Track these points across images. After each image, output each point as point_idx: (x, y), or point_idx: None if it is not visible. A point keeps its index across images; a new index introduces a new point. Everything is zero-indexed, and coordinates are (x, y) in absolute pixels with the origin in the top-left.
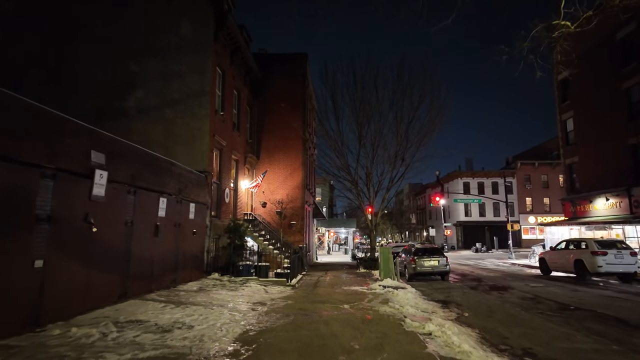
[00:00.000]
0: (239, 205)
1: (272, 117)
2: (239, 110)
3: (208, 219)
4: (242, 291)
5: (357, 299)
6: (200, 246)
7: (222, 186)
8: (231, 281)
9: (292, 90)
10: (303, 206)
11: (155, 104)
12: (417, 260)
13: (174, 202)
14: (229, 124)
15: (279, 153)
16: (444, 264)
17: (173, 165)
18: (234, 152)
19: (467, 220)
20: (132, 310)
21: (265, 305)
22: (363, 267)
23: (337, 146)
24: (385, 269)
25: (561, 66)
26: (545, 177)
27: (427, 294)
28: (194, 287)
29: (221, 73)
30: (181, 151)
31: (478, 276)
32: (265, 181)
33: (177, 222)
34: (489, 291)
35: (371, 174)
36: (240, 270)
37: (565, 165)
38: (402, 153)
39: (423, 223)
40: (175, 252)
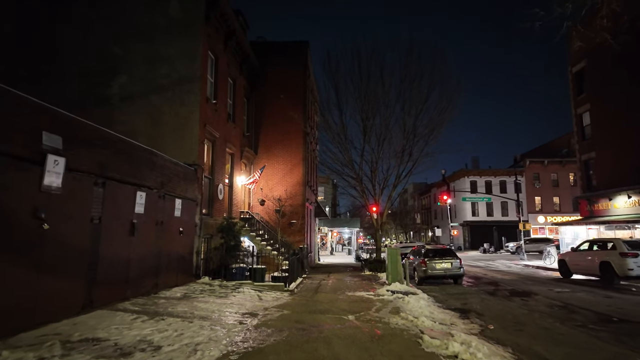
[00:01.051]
0: (234, 203)
1: (271, 109)
2: (235, 101)
3: (198, 216)
4: (233, 298)
5: (363, 308)
6: (188, 247)
7: (215, 181)
8: (222, 286)
9: (292, 81)
10: (304, 204)
11: (140, 91)
12: (428, 263)
13: (156, 197)
14: (223, 114)
15: (279, 147)
16: (458, 266)
17: (154, 155)
18: (229, 145)
19: (474, 220)
20: (94, 324)
21: (256, 317)
22: (368, 270)
23: (340, 140)
24: (393, 272)
25: (579, 42)
26: (554, 176)
27: (441, 301)
28: (178, 294)
29: (214, 58)
30: (169, 142)
31: (493, 279)
32: (264, 177)
33: (160, 219)
34: (509, 297)
35: (376, 170)
36: (233, 274)
37: (580, 161)
38: (410, 148)
39: (428, 223)
40: (157, 253)
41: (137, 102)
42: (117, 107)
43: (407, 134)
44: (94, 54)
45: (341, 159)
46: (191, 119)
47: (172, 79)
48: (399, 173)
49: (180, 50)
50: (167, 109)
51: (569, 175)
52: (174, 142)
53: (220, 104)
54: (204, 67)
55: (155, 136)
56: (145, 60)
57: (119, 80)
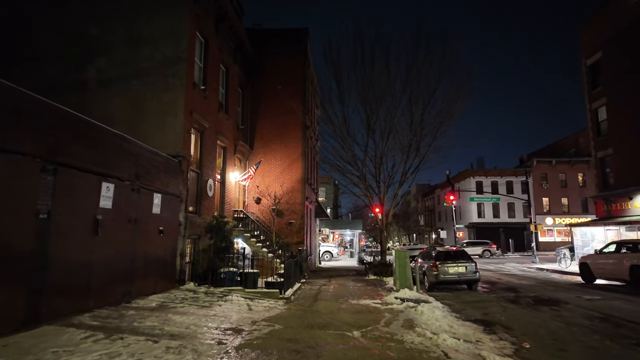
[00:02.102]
0: (227, 201)
1: (268, 101)
2: (228, 90)
3: (182, 214)
4: (217, 308)
5: (371, 320)
6: (170, 249)
7: (204, 176)
8: (208, 293)
9: (291, 71)
10: (303, 202)
11: (120, 75)
12: (440, 267)
13: (128, 189)
14: (213, 102)
15: (276, 142)
16: (473, 270)
17: (126, 141)
18: (221, 137)
19: (480, 221)
20: (29, 346)
21: (241, 334)
22: (372, 274)
23: (342, 135)
24: (401, 277)
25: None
26: (563, 176)
27: (457, 310)
28: (154, 303)
29: (203, 41)
30: (151, 131)
31: (509, 284)
32: (260, 174)
33: (134, 216)
34: (535, 306)
35: (381, 165)
36: (222, 279)
37: (596, 158)
38: (417, 142)
39: (432, 225)
40: (130, 256)
41: (116, 87)
42: (94, 92)
43: (415, 127)
44: (68, 34)
45: (343, 155)
46: (175, 105)
47: (155, 62)
48: (405, 170)
49: (164, 30)
50: (150, 94)
51: (577, 176)
52: (157, 132)
53: (210, 92)
54: (190, 49)
55: (136, 124)
56: (126, 42)
57: (96, 64)
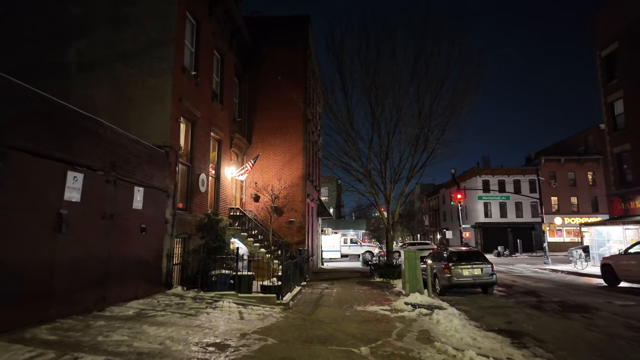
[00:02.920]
0: (222, 198)
1: (267, 92)
2: (223, 80)
3: (170, 211)
4: (203, 317)
5: (381, 332)
6: (155, 249)
7: (195, 170)
8: (197, 299)
9: (291, 61)
10: (304, 200)
11: (102, 58)
12: (454, 268)
13: (101, 181)
14: (207, 91)
15: (276, 136)
16: (489, 272)
17: (99, 125)
18: (215, 129)
19: (487, 221)
20: None
21: (225, 353)
22: (378, 276)
23: (345, 129)
24: (411, 280)
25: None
26: (572, 175)
27: (476, 318)
28: (131, 311)
29: (194, 23)
30: (136, 119)
31: (527, 287)
32: (258, 169)
33: (109, 212)
34: (563, 313)
35: (387, 161)
36: (213, 282)
37: (612, 154)
38: (426, 135)
39: (436, 225)
40: (104, 257)
41: (98, 71)
42: (74, 77)
43: (423, 119)
44: (46, 13)
45: (347, 150)
46: (163, 90)
47: (141, 44)
48: (413, 165)
49: (151, 9)
50: (134, 79)
51: (587, 174)
52: (143, 120)
53: (203, 79)
54: (180, 29)
55: (121, 112)
56: (109, 21)
57: (77, 46)
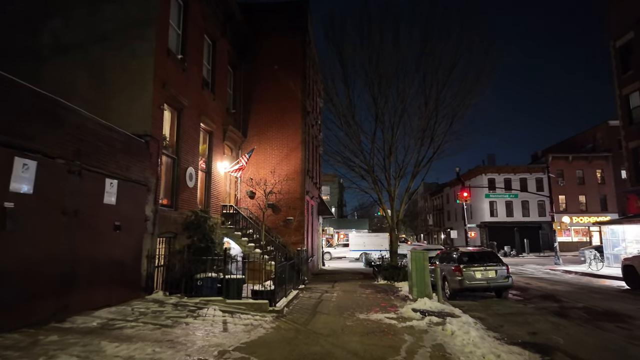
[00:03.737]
0: (214, 194)
1: (264, 84)
2: (215, 68)
3: (150, 207)
4: (181, 329)
5: (387, 348)
6: (132, 249)
7: (182, 163)
8: (179, 305)
9: (289, 49)
10: (303, 197)
11: (78, 39)
12: (465, 271)
13: (62, 171)
14: (196, 78)
15: (273, 129)
16: (504, 274)
17: (60, 107)
18: (205, 119)
19: (493, 220)
20: None
21: None
22: (382, 278)
23: (347, 122)
24: (419, 284)
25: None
26: (580, 173)
27: (494, 327)
28: (96, 321)
29: (181, 3)
30: (115, 106)
31: (543, 290)
32: (254, 164)
33: (72, 207)
34: (593, 321)
35: (392, 154)
36: (199, 287)
37: (628, 149)
38: (432, 127)
39: (440, 225)
40: (67, 258)
41: (74, 53)
42: (48, 61)
43: (430, 110)
44: None
45: (349, 145)
46: (143, 74)
47: (121, 23)
48: (418, 160)
49: None
50: (113, 62)
51: (595, 172)
52: (122, 107)
53: (191, 65)
54: (163, 8)
55: (98, 98)
56: (86, 0)
57: (51, 26)
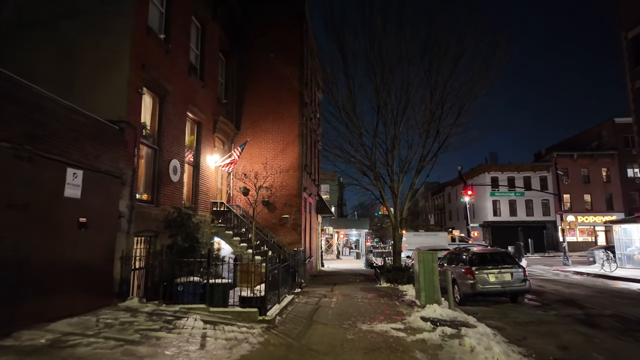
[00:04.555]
0: (203, 190)
1: (259, 73)
2: (205, 53)
3: (126, 202)
4: (149, 346)
5: None
6: (102, 250)
7: (165, 155)
8: (154, 314)
9: (286, 37)
10: (300, 194)
11: (46, 13)
12: (478, 273)
13: (6, 156)
14: (181, 62)
15: (268, 121)
16: (521, 277)
17: (6, 80)
18: (193, 108)
19: (496, 220)
20: None
21: None
22: (385, 280)
23: (348, 115)
24: (428, 288)
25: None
26: (585, 171)
27: (517, 340)
28: (44, 337)
29: None
30: (87, 89)
31: (560, 294)
32: (248, 159)
33: (21, 199)
34: (631, 332)
35: (394, 149)
36: (179, 293)
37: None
38: (439, 118)
39: (442, 224)
40: (12, 261)
41: (41, 29)
42: (11, 38)
43: (436, 99)
44: None
45: (349, 138)
46: (119, 52)
47: None
48: (423, 155)
49: None
50: (85, 39)
51: (601, 171)
52: (95, 89)
53: (176, 47)
54: None
55: (67, 80)
56: None
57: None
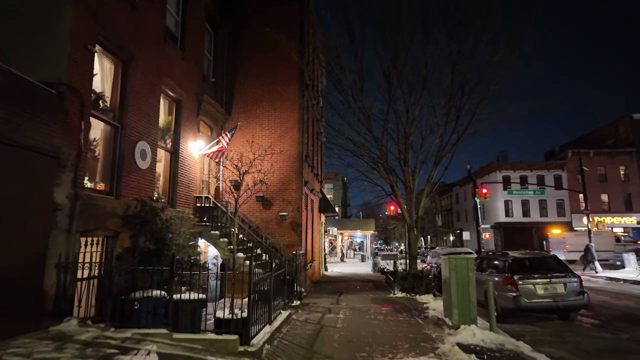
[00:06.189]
0: (184, 182)
1: (253, 51)
2: (187, 21)
3: (65, 191)
4: None
5: None
6: (26, 253)
7: (130, 135)
8: (90, 346)
9: (284, 9)
10: (300, 188)
11: None
12: (522, 284)
13: None
14: (154, 24)
15: (263, 104)
16: (576, 289)
17: None
18: (169, 81)
19: (508, 221)
20: None
21: None
22: (400, 289)
23: (355, 97)
24: (461, 303)
25: None
26: (602, 170)
27: None
28: None
29: None
30: (19, 43)
31: (615, 308)
32: (240, 147)
33: None
34: None
35: (409, 137)
36: (136, 312)
37: None
38: (459, 104)
39: (449, 226)
40: None
41: None
42: None
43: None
44: None
45: (356, 126)
46: None
47: None
48: (442, 144)
49: None
50: None
51: (619, 169)
52: (28, 44)
53: (147, 3)
54: None
55: None
56: None
57: None
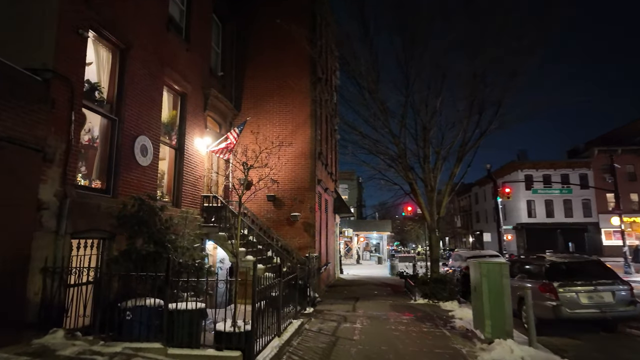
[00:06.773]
0: (190, 181)
1: (263, 45)
2: (193, 10)
3: (52, 189)
4: None
5: None
6: (4, 257)
7: (129, 129)
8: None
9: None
10: (314, 187)
11: None
12: (563, 291)
13: None
14: (154, 11)
15: (274, 99)
16: (626, 298)
17: None
18: (172, 73)
19: (531, 221)
20: None
21: None
22: (421, 294)
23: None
24: (495, 314)
25: None
26: (631, 168)
27: None
28: None
29: None
30: (3, 27)
31: None
32: (249, 144)
33: None
34: None
35: (429, 131)
36: (128, 323)
37: None
38: (481, 97)
39: (468, 227)
40: None
41: None
42: None
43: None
44: None
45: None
46: None
47: None
48: (465, 140)
49: None
50: None
51: None
52: (13, 26)
53: None
54: None
55: None
56: None
57: None
